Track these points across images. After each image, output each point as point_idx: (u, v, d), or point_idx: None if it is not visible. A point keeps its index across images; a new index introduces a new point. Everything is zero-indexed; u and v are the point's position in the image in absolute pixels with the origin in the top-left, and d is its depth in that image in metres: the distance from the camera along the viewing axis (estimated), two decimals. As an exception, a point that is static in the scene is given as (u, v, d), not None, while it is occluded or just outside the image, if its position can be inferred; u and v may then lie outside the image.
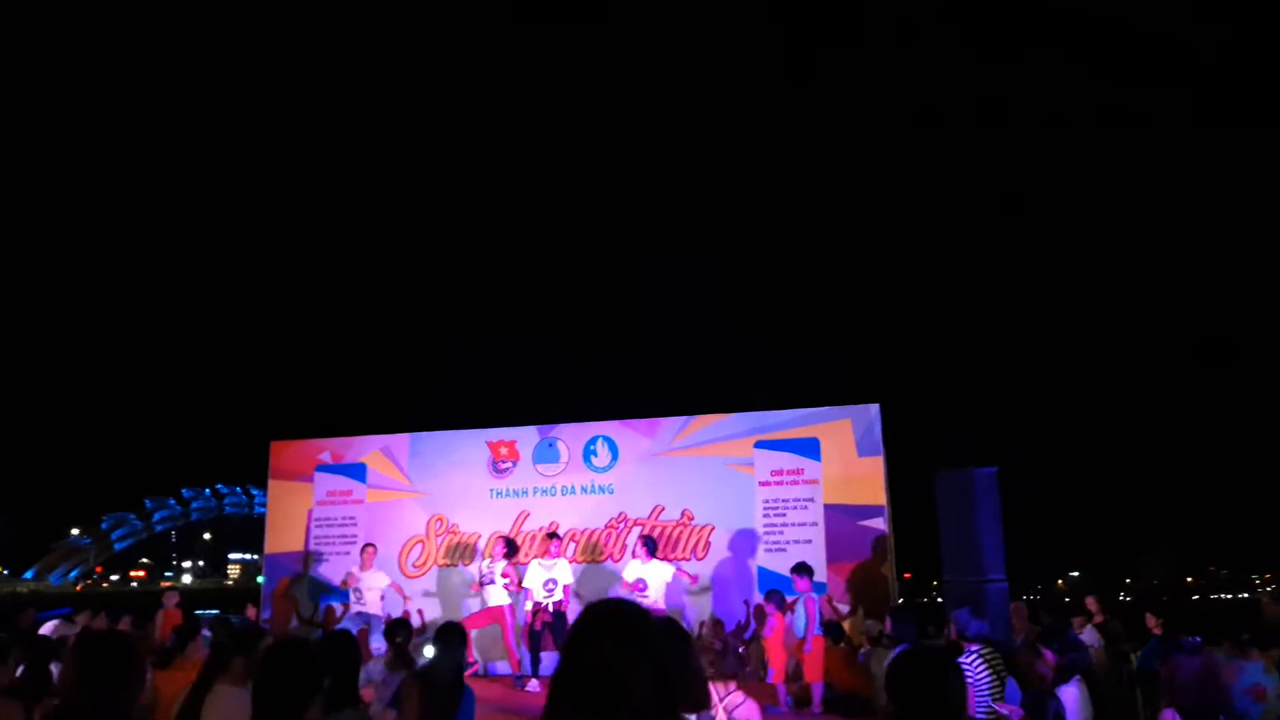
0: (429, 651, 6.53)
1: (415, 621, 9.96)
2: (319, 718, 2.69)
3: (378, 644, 8.32)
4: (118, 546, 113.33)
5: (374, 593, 10.17)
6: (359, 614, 9.96)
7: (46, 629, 7.42)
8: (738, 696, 4.57)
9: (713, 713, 4.58)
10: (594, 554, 10.96)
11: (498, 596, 9.85)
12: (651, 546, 9.66)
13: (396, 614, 9.37)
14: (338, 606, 10.71)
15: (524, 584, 9.75)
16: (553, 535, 10.36)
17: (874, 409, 10.60)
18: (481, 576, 10.09)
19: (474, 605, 10.65)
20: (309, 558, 11.87)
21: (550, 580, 9.65)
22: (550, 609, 9.44)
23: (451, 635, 4.64)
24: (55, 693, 2.67)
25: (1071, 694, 4.75)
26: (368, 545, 10.59)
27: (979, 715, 4.97)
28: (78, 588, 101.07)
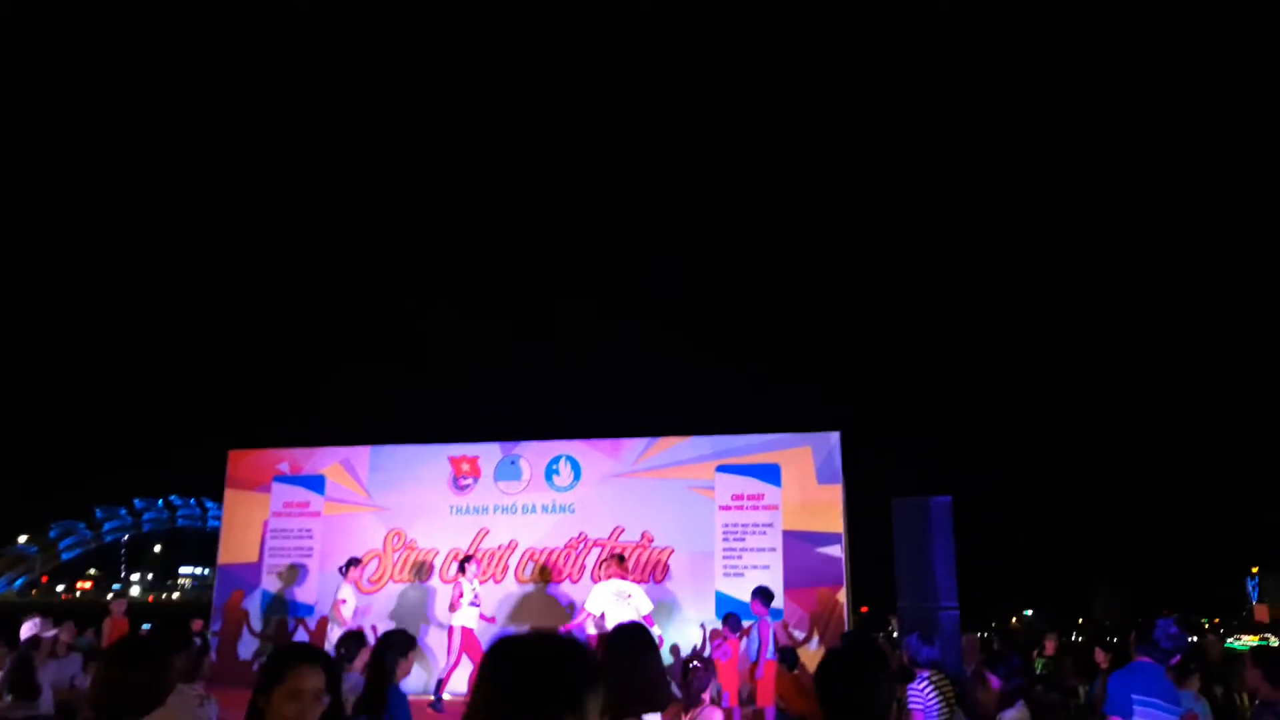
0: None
1: (371, 639, 9.83)
2: None
3: None
4: (65, 556, 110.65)
5: (346, 608, 10.00)
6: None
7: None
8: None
9: None
10: (545, 576, 10.92)
11: (469, 618, 9.74)
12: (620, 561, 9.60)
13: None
14: (297, 621, 10.56)
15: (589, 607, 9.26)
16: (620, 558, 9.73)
17: (834, 437, 10.73)
18: (473, 598, 9.80)
19: (442, 620, 10.44)
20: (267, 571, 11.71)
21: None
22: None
23: (389, 646, 4.52)
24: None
25: (1013, 718, 4.87)
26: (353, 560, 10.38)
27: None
28: (30, 594, 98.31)
